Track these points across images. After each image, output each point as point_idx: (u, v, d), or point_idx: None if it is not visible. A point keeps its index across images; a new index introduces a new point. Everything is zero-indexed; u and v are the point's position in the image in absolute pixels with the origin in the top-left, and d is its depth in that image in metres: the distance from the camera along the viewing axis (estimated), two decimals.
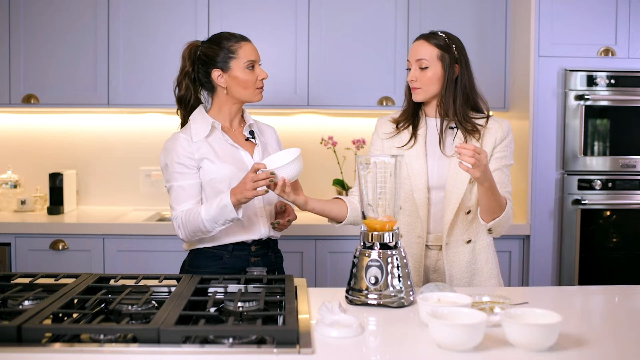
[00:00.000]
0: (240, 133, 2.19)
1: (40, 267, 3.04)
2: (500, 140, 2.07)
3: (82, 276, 1.78)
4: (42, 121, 3.64)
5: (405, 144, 2.09)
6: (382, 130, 2.17)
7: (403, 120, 2.13)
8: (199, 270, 2.08)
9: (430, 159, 2.07)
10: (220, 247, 2.10)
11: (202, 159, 2.08)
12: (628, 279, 3.11)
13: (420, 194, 2.05)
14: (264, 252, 2.16)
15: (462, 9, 3.37)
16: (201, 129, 2.10)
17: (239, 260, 2.10)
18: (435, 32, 2.07)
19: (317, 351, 1.30)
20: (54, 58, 3.32)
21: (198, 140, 2.09)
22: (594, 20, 3.13)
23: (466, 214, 2.06)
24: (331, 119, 3.65)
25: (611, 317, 1.62)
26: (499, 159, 2.07)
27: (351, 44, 3.36)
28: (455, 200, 2.02)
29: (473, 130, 2.05)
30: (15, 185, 3.50)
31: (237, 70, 2.09)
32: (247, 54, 2.11)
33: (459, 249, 2.06)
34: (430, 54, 2.03)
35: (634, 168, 3.14)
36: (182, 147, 2.08)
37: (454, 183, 2.03)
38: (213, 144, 2.10)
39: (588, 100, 3.10)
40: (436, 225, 2.07)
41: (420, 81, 2.04)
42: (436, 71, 2.03)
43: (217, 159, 2.08)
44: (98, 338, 1.32)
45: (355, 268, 1.70)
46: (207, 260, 2.11)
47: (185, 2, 3.32)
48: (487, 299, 1.64)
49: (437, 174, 2.06)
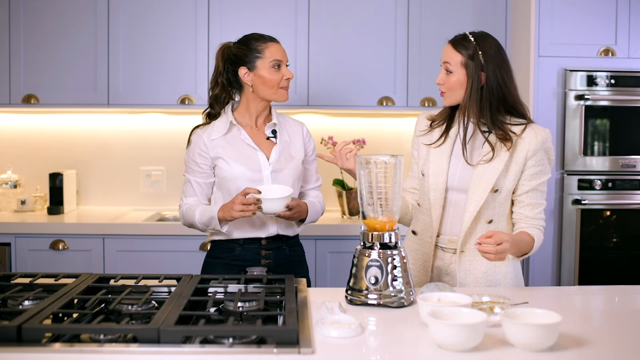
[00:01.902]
0: (263, 132, 2.24)
1: (40, 267, 3.04)
2: (534, 153, 1.95)
3: (82, 276, 1.78)
4: (42, 121, 3.64)
5: (434, 142, 2.04)
6: (418, 127, 2.14)
7: (438, 119, 2.09)
8: (215, 261, 2.22)
9: (455, 159, 2.01)
10: (233, 240, 2.20)
11: (216, 158, 2.17)
12: (628, 279, 3.11)
13: (435, 194, 2.00)
14: (277, 245, 2.21)
15: (462, 9, 3.37)
16: (221, 127, 2.19)
17: (250, 252, 2.20)
18: (466, 36, 1.98)
19: (317, 351, 1.30)
20: (54, 58, 3.32)
21: (216, 137, 2.18)
22: (594, 20, 3.13)
23: (487, 223, 1.98)
24: (331, 119, 3.65)
25: (611, 317, 1.62)
26: (533, 175, 1.97)
27: (351, 44, 3.36)
28: (474, 207, 1.95)
29: (504, 138, 1.95)
30: (15, 185, 3.49)
31: (263, 69, 2.16)
32: (273, 53, 2.17)
33: (476, 259, 1.98)
34: (454, 60, 1.96)
35: (634, 168, 3.14)
36: (199, 146, 2.19)
37: (474, 190, 1.96)
38: (230, 143, 2.18)
39: (588, 100, 3.10)
40: (453, 228, 2.01)
41: (446, 85, 1.99)
42: (459, 77, 1.96)
43: (230, 159, 2.16)
44: (98, 338, 1.32)
45: (355, 268, 1.70)
46: (222, 251, 2.22)
47: (185, 2, 3.32)
48: (487, 299, 1.64)
49: (460, 175, 1.99)
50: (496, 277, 2.00)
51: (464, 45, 1.96)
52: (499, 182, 1.96)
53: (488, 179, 1.95)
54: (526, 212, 1.98)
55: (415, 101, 3.37)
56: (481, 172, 1.96)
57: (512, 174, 1.96)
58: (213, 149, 2.17)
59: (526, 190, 1.98)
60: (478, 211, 1.95)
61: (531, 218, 1.98)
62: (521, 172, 1.97)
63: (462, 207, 1.99)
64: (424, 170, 2.05)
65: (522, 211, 1.99)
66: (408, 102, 3.37)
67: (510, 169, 1.96)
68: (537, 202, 1.99)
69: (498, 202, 1.98)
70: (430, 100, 3.35)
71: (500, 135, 1.95)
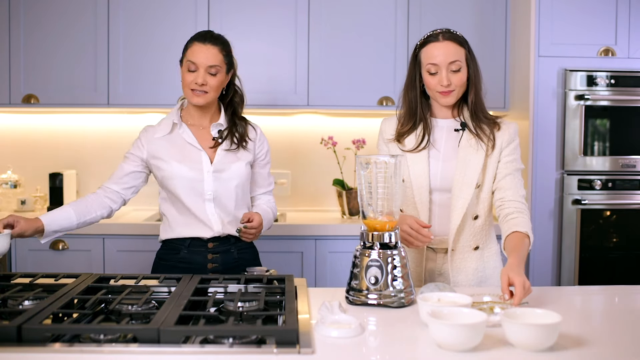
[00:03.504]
0: (209, 132, 2.19)
1: (40, 267, 3.04)
2: (507, 143, 2.00)
3: (82, 276, 1.79)
4: (42, 121, 3.64)
5: (416, 148, 2.01)
6: (386, 133, 2.10)
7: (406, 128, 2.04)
8: (163, 262, 2.18)
9: (434, 160, 2.01)
10: (179, 240, 2.16)
11: (154, 158, 2.16)
12: (628, 279, 3.11)
13: (421, 197, 2.01)
14: (225, 248, 2.17)
15: (462, 9, 3.38)
16: (164, 127, 2.19)
17: (197, 255, 2.15)
18: (451, 31, 1.98)
19: (317, 351, 1.30)
20: (54, 58, 3.32)
21: (159, 136, 2.18)
22: (594, 20, 3.13)
23: (473, 219, 2.01)
24: (331, 119, 3.65)
25: (611, 317, 1.62)
26: (508, 163, 2.00)
27: (351, 44, 3.36)
28: (462, 205, 1.97)
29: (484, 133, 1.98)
30: (15, 185, 3.50)
31: (183, 68, 2.15)
32: (192, 54, 2.11)
33: (466, 256, 2.02)
34: (462, 55, 1.94)
35: (634, 168, 3.14)
36: (140, 140, 2.19)
37: (460, 188, 1.97)
38: (172, 142, 2.17)
39: (588, 100, 3.10)
40: (441, 229, 2.02)
41: (454, 84, 1.94)
42: (466, 72, 1.96)
43: (170, 159, 2.14)
44: (98, 338, 1.32)
45: (355, 268, 1.70)
46: (169, 252, 2.18)
47: (185, 2, 3.32)
48: (488, 299, 1.64)
49: (442, 175, 2.00)
50: (485, 272, 2.04)
51: (462, 38, 1.98)
52: (480, 178, 1.98)
53: (471, 175, 1.96)
54: (508, 196, 1.96)
55: None
56: (463, 169, 1.97)
57: (491, 167, 1.99)
58: (151, 148, 2.16)
59: (504, 175, 1.98)
60: (466, 209, 1.97)
61: (513, 201, 1.95)
62: (497, 163, 2.00)
63: (448, 206, 2.00)
64: (404, 175, 2.03)
65: (503, 195, 1.97)
66: None
67: (488, 163, 1.99)
68: (516, 186, 1.97)
69: (482, 198, 2.00)
70: None
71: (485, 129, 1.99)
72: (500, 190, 1.98)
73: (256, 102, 3.33)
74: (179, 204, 2.14)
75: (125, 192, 2.19)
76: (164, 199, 2.21)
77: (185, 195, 2.12)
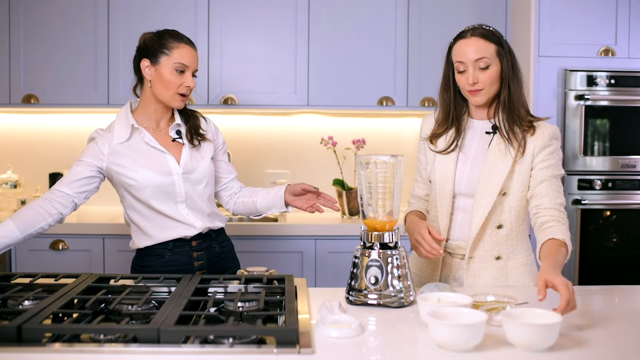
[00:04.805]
0: (167, 134, 2.12)
1: (40, 267, 3.04)
2: (541, 149, 1.88)
3: (82, 276, 1.79)
4: (42, 121, 3.64)
5: (445, 149, 1.95)
6: (424, 130, 2.05)
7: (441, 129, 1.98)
8: (145, 269, 2.10)
9: (462, 163, 1.95)
10: (161, 244, 2.10)
11: (118, 166, 2.04)
12: (628, 279, 3.11)
13: (443, 201, 1.95)
14: (207, 244, 2.15)
15: (462, 9, 3.38)
16: (122, 132, 2.06)
17: (182, 256, 2.11)
18: (483, 26, 1.90)
19: (317, 351, 1.30)
20: (54, 58, 3.32)
21: (118, 142, 2.05)
22: (594, 20, 3.13)
23: (497, 228, 1.91)
24: (331, 119, 3.65)
25: (611, 317, 1.62)
26: (544, 169, 1.87)
27: (351, 44, 3.36)
28: (482, 212, 1.88)
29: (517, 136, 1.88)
30: (15, 185, 3.49)
31: (165, 68, 2.02)
32: (182, 56, 2.03)
33: (486, 265, 1.92)
34: (490, 51, 1.86)
35: (634, 168, 3.14)
36: (100, 149, 2.06)
37: (482, 194, 1.89)
38: (134, 149, 2.06)
39: (588, 100, 3.10)
40: (461, 234, 1.95)
41: (482, 82, 1.86)
42: (496, 69, 1.87)
43: (137, 166, 2.04)
44: (98, 338, 1.32)
45: (355, 268, 1.70)
46: (150, 258, 2.11)
47: (185, 2, 3.32)
48: (492, 299, 1.63)
49: (467, 180, 1.93)
50: (507, 283, 1.93)
51: (493, 33, 1.89)
52: (506, 185, 1.89)
53: (495, 182, 1.88)
54: (544, 203, 1.84)
55: (415, 101, 3.37)
56: (487, 175, 1.89)
57: (521, 174, 1.89)
58: (113, 158, 2.05)
59: (539, 182, 1.87)
60: (486, 216, 1.89)
61: (550, 209, 1.83)
62: (530, 171, 1.89)
63: (470, 212, 1.92)
64: (431, 176, 2.00)
65: (538, 203, 1.85)
66: (408, 102, 3.37)
67: (517, 169, 1.90)
68: (553, 193, 1.85)
69: (507, 207, 1.90)
70: (430, 100, 3.35)
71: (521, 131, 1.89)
72: (536, 198, 1.86)
73: (256, 102, 3.33)
74: (149, 210, 2.07)
75: (79, 196, 2.05)
76: (131, 207, 2.10)
77: (158, 202, 2.05)
